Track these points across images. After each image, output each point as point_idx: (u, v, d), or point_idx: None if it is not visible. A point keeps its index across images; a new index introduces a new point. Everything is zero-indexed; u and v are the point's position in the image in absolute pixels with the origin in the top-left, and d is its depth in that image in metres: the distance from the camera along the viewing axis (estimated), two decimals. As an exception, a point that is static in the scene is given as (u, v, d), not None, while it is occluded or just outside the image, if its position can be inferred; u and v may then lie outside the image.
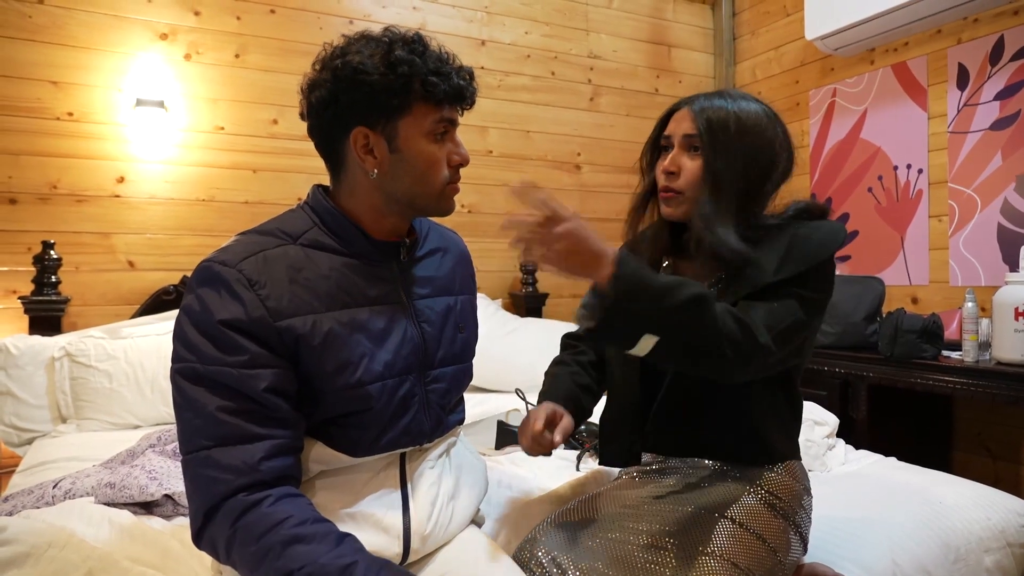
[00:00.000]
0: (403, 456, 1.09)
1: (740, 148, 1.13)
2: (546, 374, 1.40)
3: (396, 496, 1.06)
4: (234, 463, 0.90)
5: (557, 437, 1.15)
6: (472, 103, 1.07)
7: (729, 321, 1.01)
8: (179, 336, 0.95)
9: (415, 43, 1.01)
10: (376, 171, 1.02)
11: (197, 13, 2.79)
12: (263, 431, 0.92)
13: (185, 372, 0.93)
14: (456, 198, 1.11)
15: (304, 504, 0.93)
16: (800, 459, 1.27)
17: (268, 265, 0.97)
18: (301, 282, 0.98)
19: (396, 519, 1.04)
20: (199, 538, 0.93)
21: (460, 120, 1.07)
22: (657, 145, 1.25)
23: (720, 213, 1.13)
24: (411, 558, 1.06)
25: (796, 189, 3.48)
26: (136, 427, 2.20)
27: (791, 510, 1.17)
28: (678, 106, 1.21)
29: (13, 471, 1.98)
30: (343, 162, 1.06)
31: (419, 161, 1.02)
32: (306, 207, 1.08)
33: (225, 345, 0.92)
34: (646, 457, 1.32)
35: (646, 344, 0.98)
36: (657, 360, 1.02)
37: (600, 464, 1.32)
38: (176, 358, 0.94)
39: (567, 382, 1.33)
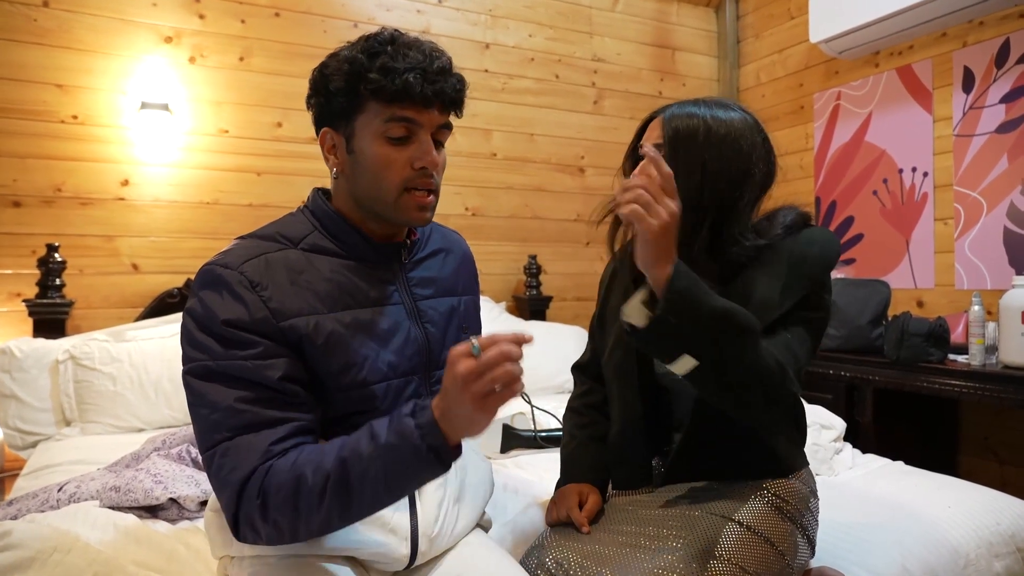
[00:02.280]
0: (409, 458, 1.09)
1: (707, 158, 1.09)
2: (564, 431, 1.40)
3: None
4: (257, 447, 0.89)
5: (584, 529, 1.16)
6: (441, 102, 1.00)
7: (770, 362, 1.01)
8: (186, 338, 0.94)
9: (371, 41, 0.99)
10: (336, 170, 1.04)
11: (202, 16, 2.79)
12: (283, 415, 0.92)
13: (197, 371, 0.92)
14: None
15: (312, 441, 0.94)
16: (807, 464, 1.27)
17: (270, 268, 0.97)
18: (303, 284, 0.98)
19: (403, 520, 1.04)
20: (236, 526, 0.90)
21: (442, 121, 1.02)
22: (635, 154, 1.22)
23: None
24: (418, 560, 1.06)
25: (800, 192, 3.47)
26: (140, 430, 2.20)
27: (798, 513, 1.16)
28: (655, 115, 1.19)
29: (17, 474, 1.98)
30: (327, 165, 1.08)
31: (370, 162, 0.99)
32: (306, 211, 1.08)
33: (233, 342, 0.92)
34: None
35: (684, 364, 0.98)
36: (691, 382, 1.01)
37: (613, 489, 1.28)
38: (186, 359, 0.94)
39: (587, 450, 1.31)
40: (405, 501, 1.06)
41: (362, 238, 1.05)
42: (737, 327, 0.97)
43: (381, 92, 0.96)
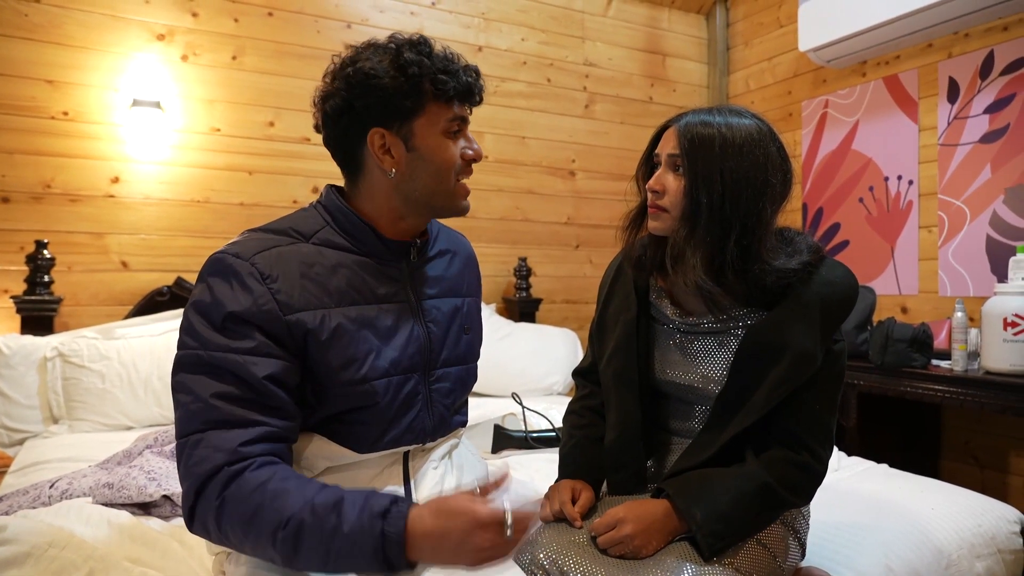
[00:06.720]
0: (406, 455, 1.10)
1: (725, 168, 1.09)
2: (563, 431, 1.40)
3: (400, 494, 1.06)
4: (225, 445, 0.89)
5: (577, 523, 1.18)
6: (480, 99, 1.10)
7: (792, 475, 1.11)
8: (186, 324, 0.95)
9: (421, 45, 1.03)
10: (394, 170, 1.04)
11: (195, 14, 2.78)
12: (258, 418, 0.92)
13: (187, 360, 0.93)
14: None
15: (285, 466, 0.93)
16: None
17: (281, 261, 0.98)
18: (312, 277, 0.99)
19: None
20: (191, 519, 0.91)
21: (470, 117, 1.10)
22: (650, 162, 1.23)
23: (695, 239, 1.11)
24: (416, 558, 1.07)
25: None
26: (129, 428, 2.19)
27: (790, 516, 1.18)
28: (669, 123, 1.19)
29: (3, 472, 1.97)
30: (361, 166, 1.07)
31: (435, 158, 1.05)
32: (319, 206, 1.09)
33: (232, 333, 0.92)
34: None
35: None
36: None
37: (609, 494, 1.28)
38: (180, 346, 0.94)
39: (584, 449, 1.31)
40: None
41: (374, 234, 1.07)
42: (761, 502, 1.10)
43: (445, 93, 1.02)
